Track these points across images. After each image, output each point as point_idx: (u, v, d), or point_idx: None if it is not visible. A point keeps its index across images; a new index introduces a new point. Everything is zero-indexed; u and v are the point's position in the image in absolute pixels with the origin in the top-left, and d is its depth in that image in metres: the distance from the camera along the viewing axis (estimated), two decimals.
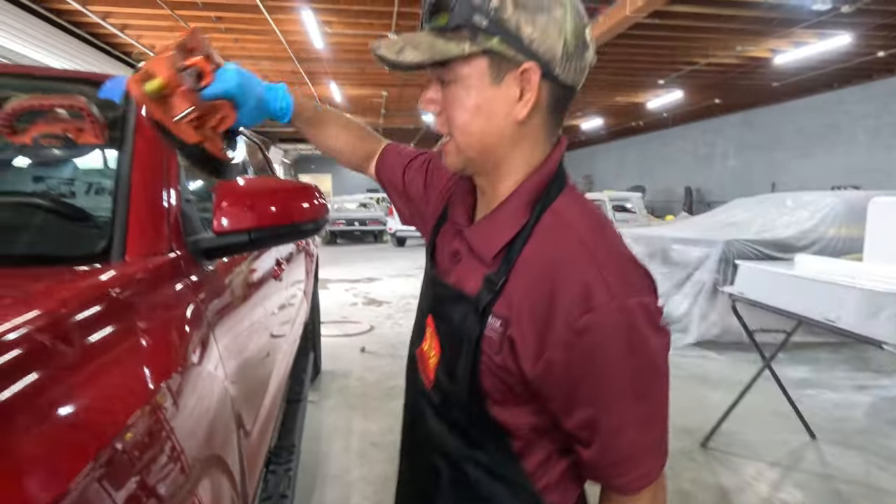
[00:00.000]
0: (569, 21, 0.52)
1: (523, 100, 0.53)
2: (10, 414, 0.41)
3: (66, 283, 0.67)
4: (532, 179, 0.57)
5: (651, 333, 0.51)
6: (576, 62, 0.54)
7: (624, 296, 0.50)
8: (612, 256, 0.53)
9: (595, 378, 0.51)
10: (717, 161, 13.44)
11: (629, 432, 0.53)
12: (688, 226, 5.20)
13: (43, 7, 5.66)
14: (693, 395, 3.16)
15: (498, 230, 0.57)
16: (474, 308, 0.55)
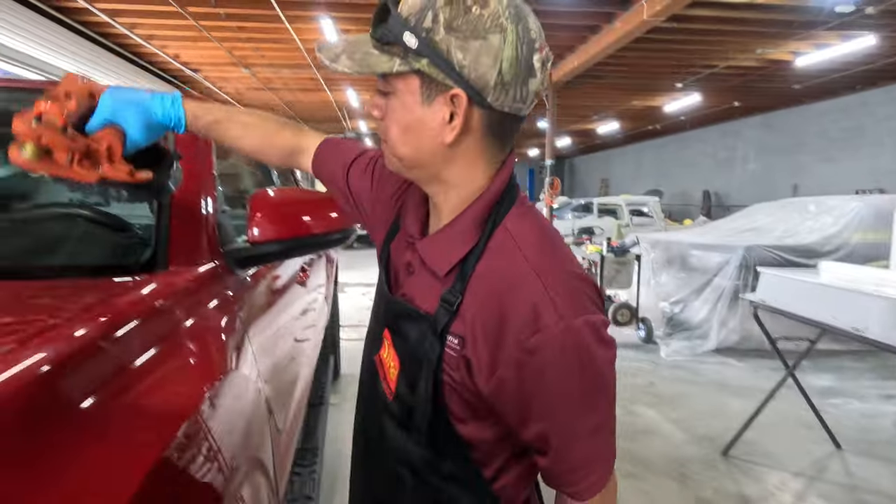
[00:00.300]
0: (507, 49, 0.51)
1: (451, 124, 0.54)
2: (82, 413, 0.45)
3: (123, 292, 0.71)
4: (481, 199, 0.58)
5: (597, 349, 0.53)
6: (514, 91, 0.53)
7: (571, 316, 0.51)
8: (560, 276, 0.54)
9: (546, 394, 0.53)
10: (737, 164, 13.24)
11: (581, 443, 0.56)
12: (707, 231, 5.15)
13: (74, 20, 5.86)
14: (713, 402, 3.13)
15: (450, 247, 0.58)
16: (432, 329, 0.56)
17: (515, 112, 0.55)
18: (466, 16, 0.51)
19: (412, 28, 0.51)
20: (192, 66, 8.25)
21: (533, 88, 0.54)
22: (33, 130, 0.67)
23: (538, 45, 0.54)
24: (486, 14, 0.51)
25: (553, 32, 6.64)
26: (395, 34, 0.52)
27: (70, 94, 0.72)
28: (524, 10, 0.54)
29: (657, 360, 3.94)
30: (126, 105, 0.73)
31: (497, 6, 0.51)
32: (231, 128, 0.82)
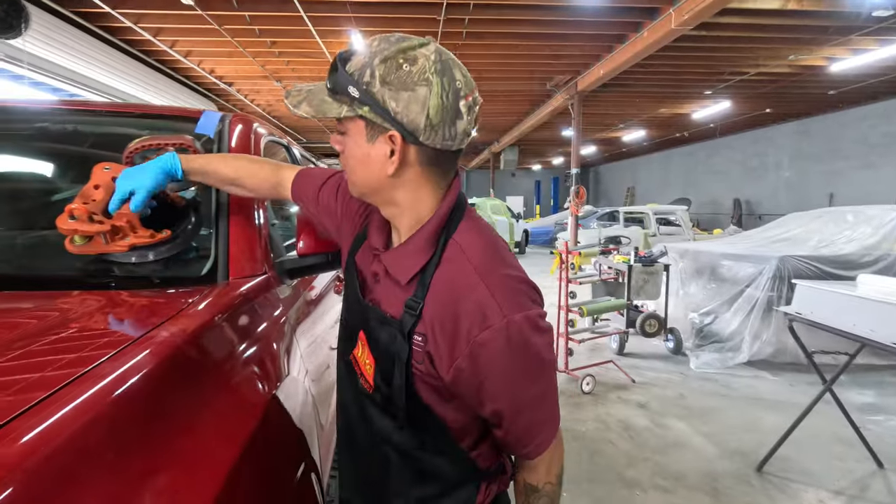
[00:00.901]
0: (433, 98, 0.62)
1: (391, 159, 0.65)
2: (185, 408, 0.51)
3: (199, 302, 0.78)
4: (433, 219, 0.69)
5: (536, 337, 0.64)
6: (443, 131, 0.64)
7: (512, 312, 0.63)
8: (500, 279, 0.65)
9: (495, 379, 0.64)
10: (769, 172, 12.91)
11: (526, 414, 0.68)
12: (738, 241, 5.05)
13: (120, 39, 6.18)
14: (746, 416, 3.07)
15: (409, 259, 0.69)
16: (400, 331, 0.67)
17: (447, 148, 0.66)
18: (398, 72, 0.62)
19: (355, 82, 0.63)
20: (226, 79, 8.55)
21: (461, 129, 0.65)
22: (71, 225, 0.88)
23: (464, 93, 0.64)
24: (415, 70, 0.62)
25: (578, 43, 6.66)
26: (343, 86, 0.64)
27: (98, 186, 0.92)
28: (450, 65, 0.64)
29: (686, 371, 3.88)
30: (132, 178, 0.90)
31: (424, 63, 0.62)
32: (222, 168, 0.97)
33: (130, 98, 6.71)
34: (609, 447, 2.65)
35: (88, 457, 0.42)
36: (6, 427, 0.41)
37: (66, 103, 1.41)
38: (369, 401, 0.73)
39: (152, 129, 1.28)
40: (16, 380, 0.48)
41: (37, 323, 0.66)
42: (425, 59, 0.63)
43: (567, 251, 3.81)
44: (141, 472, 0.45)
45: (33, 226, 1.23)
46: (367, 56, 0.63)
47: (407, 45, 0.63)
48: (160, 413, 0.50)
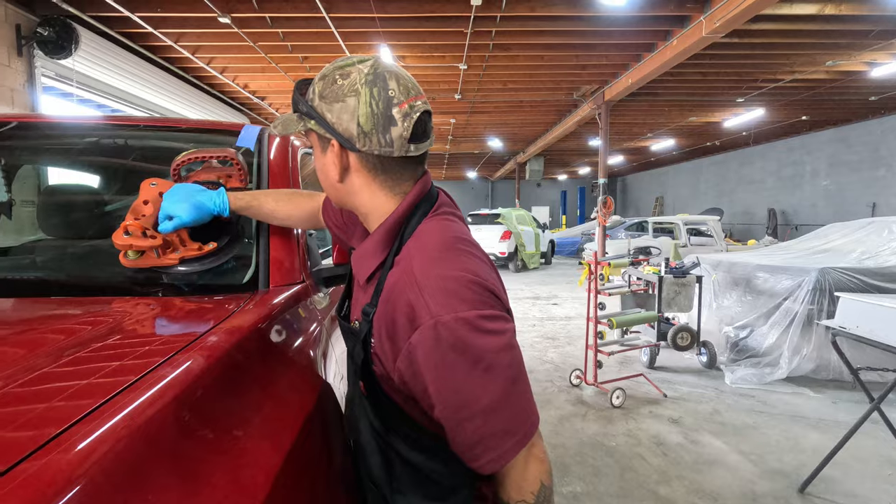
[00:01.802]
0: (361, 107, 0.66)
1: (337, 166, 0.70)
2: (238, 407, 0.53)
3: (246, 308, 0.81)
4: (387, 220, 0.71)
5: (476, 339, 0.60)
6: (377, 138, 0.67)
7: (442, 313, 0.60)
8: (435, 280, 0.63)
9: (433, 382, 0.61)
10: (806, 181, 12.47)
11: (473, 423, 0.61)
12: (774, 252, 4.89)
13: (161, 57, 6.47)
14: (786, 435, 2.95)
15: (364, 260, 0.72)
16: (358, 339, 0.69)
17: (387, 154, 0.69)
18: (332, 86, 0.68)
19: (304, 100, 0.71)
20: (259, 94, 8.83)
21: (396, 135, 0.68)
22: (126, 241, 0.94)
23: (397, 101, 0.67)
24: (346, 83, 0.67)
25: (605, 52, 6.63)
26: (296, 105, 0.72)
27: (147, 201, 0.98)
28: (385, 76, 0.68)
29: (721, 387, 3.75)
30: (179, 202, 0.97)
31: (356, 75, 0.67)
32: (265, 203, 1.04)
33: (169, 113, 6.99)
34: (640, 463, 2.58)
35: (145, 462, 0.44)
36: (65, 434, 0.42)
37: (115, 119, 1.49)
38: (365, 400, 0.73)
39: (197, 142, 1.34)
40: (73, 385, 0.51)
41: (91, 329, 0.69)
42: (357, 73, 0.67)
43: (596, 262, 3.76)
44: (196, 476, 0.46)
45: (85, 235, 1.30)
46: (316, 78, 0.71)
47: (344, 62, 0.69)
48: (214, 417, 0.52)
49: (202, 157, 1.11)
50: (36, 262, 1.14)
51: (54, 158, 1.58)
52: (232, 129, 1.32)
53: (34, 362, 0.53)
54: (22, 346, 0.60)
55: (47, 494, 0.35)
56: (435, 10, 5.26)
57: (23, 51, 4.65)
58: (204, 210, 0.98)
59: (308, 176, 1.54)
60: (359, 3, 5.03)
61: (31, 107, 4.73)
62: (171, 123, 1.48)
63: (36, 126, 1.40)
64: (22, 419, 0.43)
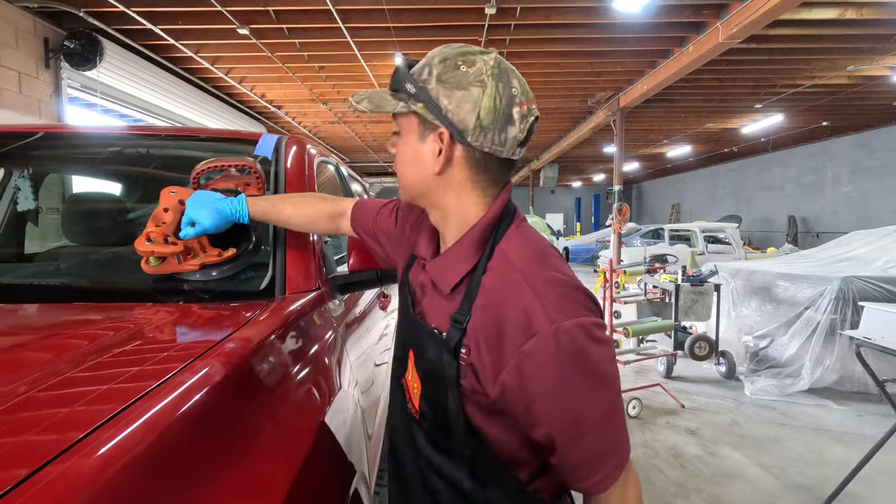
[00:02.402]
0: (485, 100, 0.62)
1: (438, 157, 0.65)
2: (257, 411, 0.53)
3: (261, 314, 0.82)
4: (478, 224, 0.67)
5: (592, 347, 0.57)
6: (492, 134, 0.63)
7: (561, 318, 0.56)
8: (549, 284, 0.59)
9: (546, 395, 0.57)
10: (827, 188, 12.22)
11: (585, 439, 0.58)
12: (795, 260, 4.79)
13: (181, 67, 6.63)
14: (809, 448, 2.87)
15: (452, 267, 0.66)
16: (447, 347, 0.62)
17: (496, 153, 0.65)
18: (454, 72, 0.63)
19: (413, 80, 0.65)
20: (275, 103, 8.97)
21: (511, 135, 0.64)
22: (148, 248, 0.96)
23: (519, 100, 0.64)
24: (471, 72, 0.63)
25: (620, 59, 6.60)
26: (401, 83, 0.66)
27: (168, 209, 1.00)
28: (508, 73, 0.64)
29: (741, 397, 3.67)
30: (202, 209, 0.98)
31: (482, 66, 0.63)
32: (284, 208, 1.02)
33: (189, 122, 7.14)
34: (658, 475, 2.54)
35: (165, 466, 0.45)
36: (88, 438, 0.43)
37: (137, 129, 1.53)
38: (417, 426, 0.69)
39: (216, 151, 1.36)
40: (95, 390, 0.52)
41: (113, 335, 0.71)
42: (483, 63, 0.63)
43: (611, 269, 3.73)
44: (213, 481, 0.47)
45: (108, 242, 1.33)
46: (429, 58, 0.66)
47: (468, 50, 0.65)
48: (232, 422, 0.53)
49: (221, 165, 1.13)
50: (60, 269, 1.16)
51: (79, 167, 1.63)
52: (250, 139, 1.34)
53: (58, 367, 0.55)
54: (47, 351, 0.61)
55: (71, 497, 0.36)
56: (449, 19, 5.30)
57: (50, 63, 4.80)
58: (224, 217, 0.99)
59: (324, 183, 1.56)
60: (374, 13, 5.09)
61: (58, 117, 4.87)
62: (190, 133, 1.51)
63: (61, 136, 1.44)
64: (46, 423, 0.44)
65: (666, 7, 5.04)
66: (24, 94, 4.52)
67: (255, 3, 4.88)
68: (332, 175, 1.78)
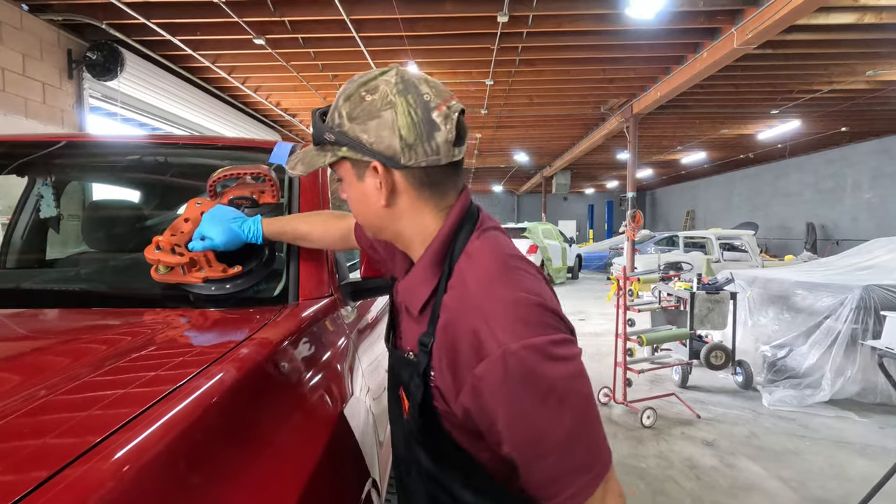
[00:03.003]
0: (400, 118, 0.61)
1: (380, 190, 0.64)
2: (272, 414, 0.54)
3: (275, 320, 0.83)
4: (434, 242, 0.66)
5: (544, 367, 0.55)
6: (422, 148, 0.62)
7: (509, 340, 0.55)
8: (499, 304, 0.58)
9: (503, 417, 0.56)
10: (846, 194, 11.99)
11: (547, 460, 0.56)
12: (814, 268, 4.70)
13: (199, 77, 6.76)
14: (830, 461, 2.79)
15: (416, 289, 0.66)
16: (416, 371, 0.63)
17: (434, 163, 0.63)
18: (361, 104, 0.63)
19: (329, 128, 0.65)
20: (290, 111, 9.10)
21: (441, 140, 0.63)
22: (156, 255, 0.97)
23: (434, 104, 0.63)
24: (377, 98, 0.62)
25: (633, 66, 6.58)
26: (320, 135, 0.66)
27: (188, 220, 1.01)
28: (412, 81, 0.63)
29: (758, 408, 3.60)
30: (216, 225, 0.99)
31: (385, 87, 0.62)
32: (298, 226, 1.04)
33: (206, 130, 7.27)
34: (673, 486, 2.49)
35: (181, 469, 0.45)
36: (105, 441, 0.43)
37: (155, 137, 1.56)
38: (413, 439, 0.69)
39: (232, 159, 1.38)
40: (113, 394, 0.53)
41: (130, 340, 0.72)
42: (385, 84, 0.63)
43: (625, 277, 3.69)
44: (228, 484, 0.47)
45: (125, 248, 1.35)
46: (335, 103, 0.66)
47: (367, 78, 0.64)
48: (246, 426, 0.53)
49: (237, 173, 1.15)
50: (80, 274, 1.19)
51: (99, 175, 1.67)
52: (265, 146, 1.36)
53: (77, 371, 0.56)
54: (66, 356, 0.63)
55: (89, 500, 0.37)
56: (462, 27, 5.34)
57: (73, 74, 4.93)
58: (237, 237, 1.00)
59: (336, 190, 1.58)
60: (387, 23, 5.15)
61: (79, 126, 5.00)
62: (207, 141, 1.54)
63: (83, 145, 1.48)
64: (65, 426, 0.45)
65: (679, 13, 5.02)
66: (47, 105, 4.65)
67: (271, 14, 4.97)
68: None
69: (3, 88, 4.17)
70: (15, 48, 4.29)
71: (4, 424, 0.44)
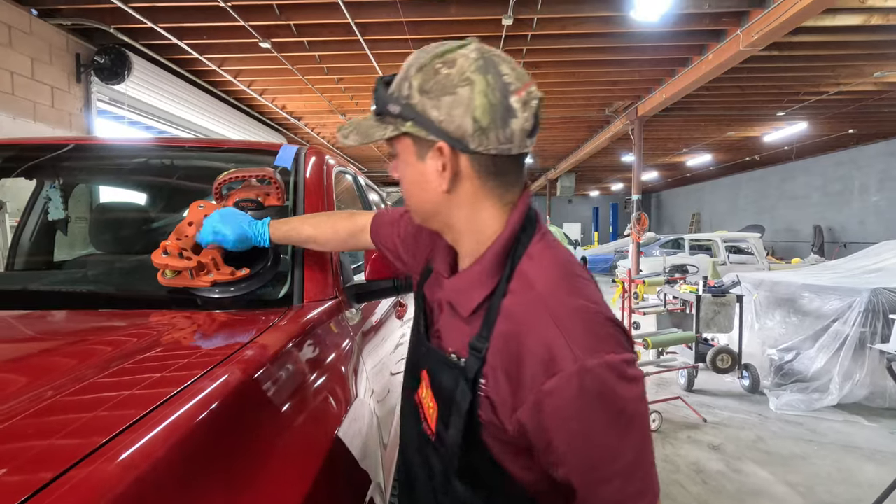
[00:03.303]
0: (477, 98, 0.56)
1: (443, 174, 0.59)
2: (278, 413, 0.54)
3: (279, 322, 0.84)
4: (497, 242, 0.61)
5: (619, 387, 0.52)
6: (495, 133, 0.56)
7: (586, 357, 0.51)
8: (575, 315, 0.54)
9: (566, 437, 0.52)
10: (854, 197, 11.89)
11: (610, 485, 0.53)
12: (821, 271, 4.66)
13: (206, 81, 6.81)
14: (838, 466, 2.76)
15: (470, 289, 0.61)
16: (464, 376, 0.58)
17: (504, 152, 0.58)
18: (435, 77, 0.57)
19: (395, 99, 0.59)
20: (295, 114, 9.13)
21: (516, 128, 0.57)
22: (163, 260, 0.97)
23: (514, 87, 0.57)
24: (454, 72, 0.56)
25: (638, 68, 6.56)
26: (384, 106, 0.60)
27: (192, 223, 1.01)
28: (494, 61, 0.58)
29: (765, 412, 3.57)
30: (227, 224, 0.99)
31: (463, 63, 0.57)
32: (304, 229, 1.01)
33: (212, 134, 7.32)
34: (679, 491, 2.47)
35: (185, 471, 0.45)
36: (111, 442, 0.43)
37: (162, 140, 1.57)
38: (431, 448, 0.64)
39: (238, 162, 1.39)
40: (118, 395, 0.53)
41: (136, 341, 0.72)
42: (464, 59, 0.57)
43: (630, 279, 3.67)
44: (232, 486, 0.47)
45: (132, 250, 1.36)
46: (404, 70, 0.60)
47: (444, 49, 0.59)
48: (250, 428, 0.53)
49: (242, 176, 1.15)
50: (87, 276, 1.20)
51: (106, 178, 1.68)
52: (270, 149, 1.37)
53: (83, 372, 0.56)
54: (73, 357, 0.63)
55: (94, 500, 0.37)
56: (466, 30, 5.35)
57: (81, 78, 4.98)
58: (246, 237, 1.00)
59: (342, 193, 1.58)
60: (392, 25, 5.17)
61: (87, 129, 5.04)
62: (213, 144, 1.55)
63: (90, 148, 1.49)
64: (71, 427, 0.45)
65: (685, 16, 5.00)
66: (56, 108, 4.69)
67: (276, 18, 5.00)
68: (349, 185, 1.80)
69: (13, 92, 4.21)
70: (24, 52, 4.33)
71: (12, 425, 0.44)
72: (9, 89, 4.17)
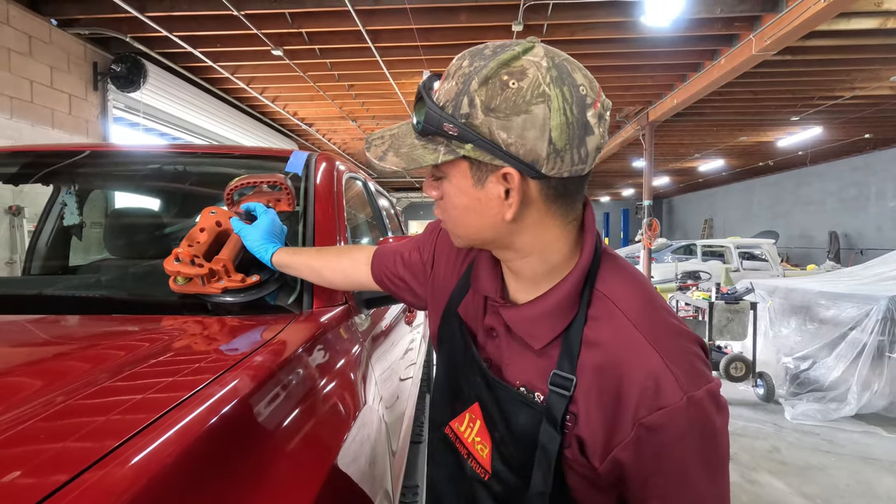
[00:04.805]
0: (554, 117, 0.48)
1: (508, 201, 0.52)
2: (283, 420, 0.54)
3: (289, 328, 0.84)
4: (577, 269, 0.55)
5: (718, 418, 0.50)
6: (571, 154, 0.49)
7: (693, 387, 0.48)
8: (673, 340, 0.51)
9: (665, 473, 0.49)
10: (870, 203, 11.69)
11: None
12: (838, 277, 4.58)
13: (219, 88, 6.92)
14: (856, 478, 2.70)
15: (548, 320, 0.54)
16: (547, 417, 0.52)
17: (577, 174, 0.52)
18: (504, 93, 0.48)
19: (450, 117, 0.50)
20: (307, 121, 9.23)
21: (592, 146, 0.51)
22: (175, 267, 0.97)
23: (590, 100, 0.50)
24: (525, 86, 0.48)
25: (649, 73, 6.54)
26: (435, 124, 0.50)
27: (204, 229, 1.02)
28: (568, 69, 0.50)
29: (780, 422, 3.50)
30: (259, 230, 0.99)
31: (536, 74, 0.48)
32: (305, 263, 0.96)
33: (225, 140, 7.42)
34: None
35: (195, 477, 0.46)
36: (123, 446, 0.44)
37: (175, 147, 1.60)
38: (483, 488, 0.58)
39: (249, 168, 1.41)
40: (130, 399, 0.53)
41: (148, 346, 0.73)
42: (535, 69, 0.48)
43: None
44: (240, 491, 0.48)
45: (146, 255, 1.38)
46: (459, 80, 0.50)
47: (508, 55, 0.49)
48: (259, 434, 0.54)
49: (253, 182, 1.16)
50: (101, 281, 1.21)
51: (121, 184, 1.71)
52: (281, 155, 1.38)
53: (96, 377, 0.57)
54: (85, 361, 0.64)
55: (107, 503, 0.37)
56: (477, 36, 5.37)
57: (98, 85, 5.08)
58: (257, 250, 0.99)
59: (352, 199, 1.59)
60: (403, 33, 5.21)
61: (103, 136, 5.14)
62: (225, 150, 1.56)
63: (106, 154, 1.52)
64: (83, 431, 0.46)
65: (696, 20, 4.98)
66: (73, 115, 4.79)
67: (289, 26, 5.07)
68: (360, 191, 1.81)
69: (32, 100, 4.31)
70: (44, 61, 4.43)
71: (27, 428, 0.45)
72: (28, 97, 4.27)
